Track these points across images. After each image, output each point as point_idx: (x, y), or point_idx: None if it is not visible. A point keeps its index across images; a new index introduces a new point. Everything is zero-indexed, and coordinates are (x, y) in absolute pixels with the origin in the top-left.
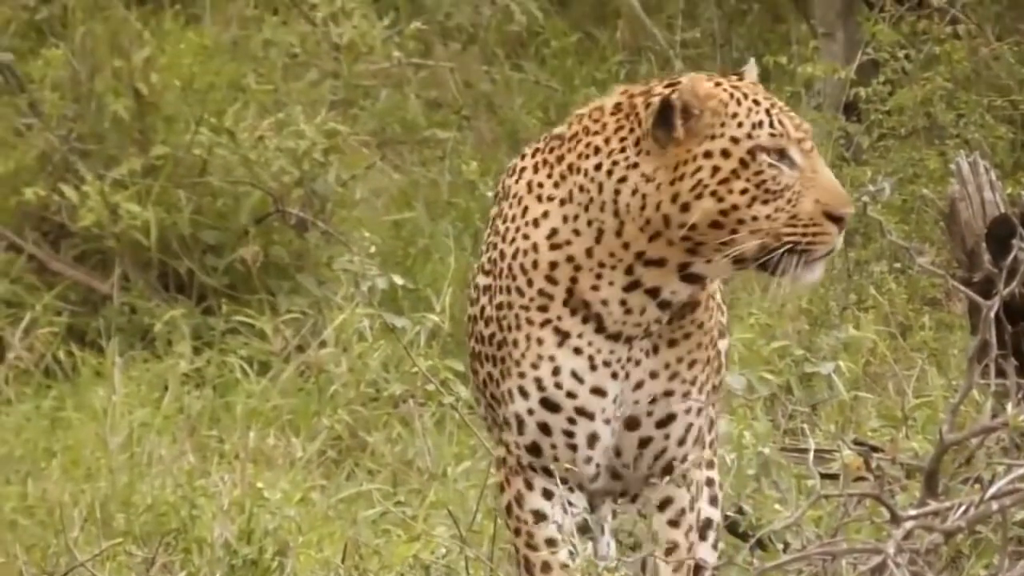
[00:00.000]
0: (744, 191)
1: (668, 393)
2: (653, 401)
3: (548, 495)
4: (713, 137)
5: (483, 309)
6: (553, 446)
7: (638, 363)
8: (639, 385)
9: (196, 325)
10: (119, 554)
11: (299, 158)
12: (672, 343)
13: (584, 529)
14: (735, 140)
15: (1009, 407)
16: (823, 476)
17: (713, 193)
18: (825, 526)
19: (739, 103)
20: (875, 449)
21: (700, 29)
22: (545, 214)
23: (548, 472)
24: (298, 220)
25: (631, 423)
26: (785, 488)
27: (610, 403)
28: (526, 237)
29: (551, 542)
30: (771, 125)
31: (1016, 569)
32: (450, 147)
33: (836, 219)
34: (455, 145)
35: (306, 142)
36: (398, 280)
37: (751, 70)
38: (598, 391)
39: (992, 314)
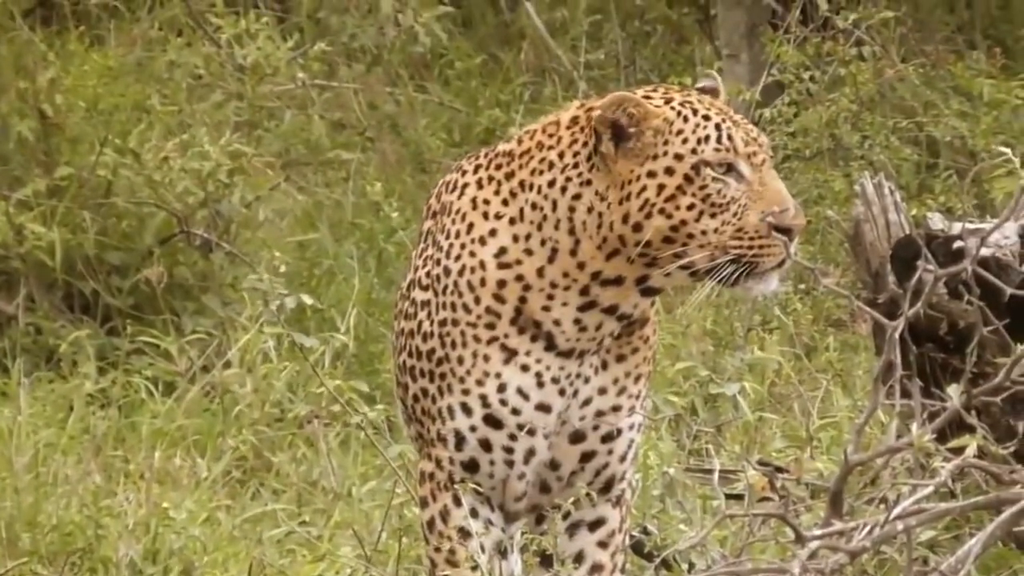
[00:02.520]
0: (691, 206)
1: (616, 408)
2: (600, 415)
3: (474, 513)
4: (656, 157)
5: (420, 324)
6: (491, 462)
7: (587, 380)
8: (587, 401)
9: (101, 345)
10: (26, 574)
11: (204, 179)
12: (620, 358)
13: (498, 548)
14: (679, 157)
15: (914, 427)
16: (728, 496)
17: (662, 211)
18: (730, 546)
19: (686, 119)
20: (780, 470)
21: (604, 51)
22: (492, 232)
23: (477, 491)
24: (203, 241)
25: (576, 437)
26: (690, 508)
27: (554, 418)
28: (472, 255)
29: (472, 559)
30: (718, 140)
31: None
32: (354, 168)
33: (783, 231)
34: (359, 166)
35: (211, 163)
36: (307, 300)
37: (711, 81)
38: (543, 407)
39: (897, 335)
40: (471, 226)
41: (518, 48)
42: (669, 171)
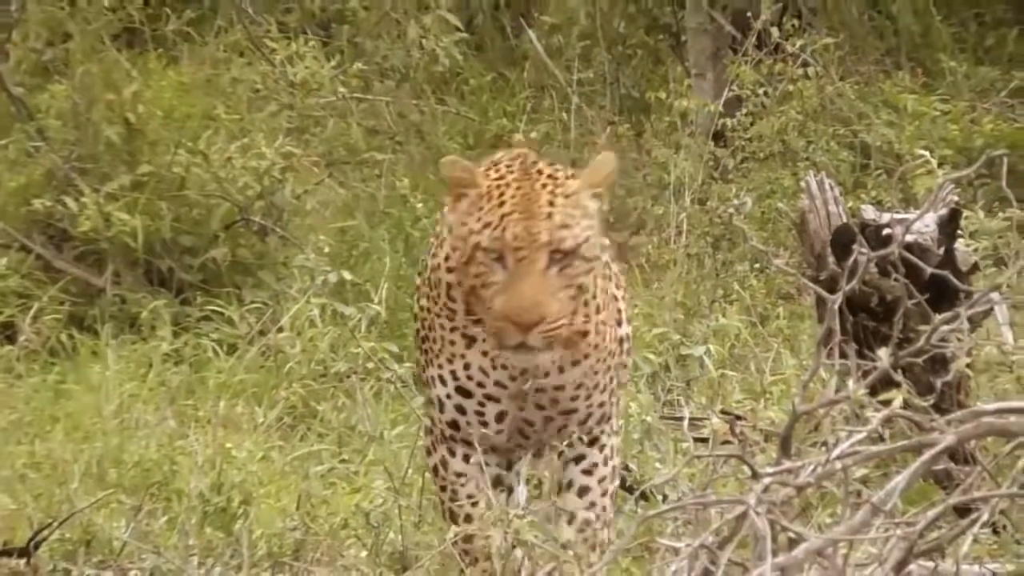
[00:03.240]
0: (476, 275)
1: (573, 399)
2: (555, 403)
3: (467, 459)
4: (465, 223)
5: (419, 307)
6: (468, 423)
7: (547, 374)
8: (542, 390)
9: (175, 313)
10: (112, 502)
11: (261, 175)
12: (575, 363)
13: (498, 483)
14: (471, 232)
15: (850, 384)
16: (696, 440)
17: (462, 268)
18: (697, 481)
19: (488, 200)
20: (739, 418)
21: (593, 70)
22: (443, 241)
23: (468, 442)
24: (260, 227)
25: (539, 407)
26: (664, 450)
27: (509, 394)
28: (434, 256)
29: (471, 496)
30: (494, 228)
31: (856, 516)
32: (386, 167)
33: (514, 323)
34: (390, 165)
35: (266, 162)
36: (346, 275)
37: (604, 162)
38: (500, 385)
39: (836, 306)
40: (440, 231)
41: (522, 67)
42: (464, 240)
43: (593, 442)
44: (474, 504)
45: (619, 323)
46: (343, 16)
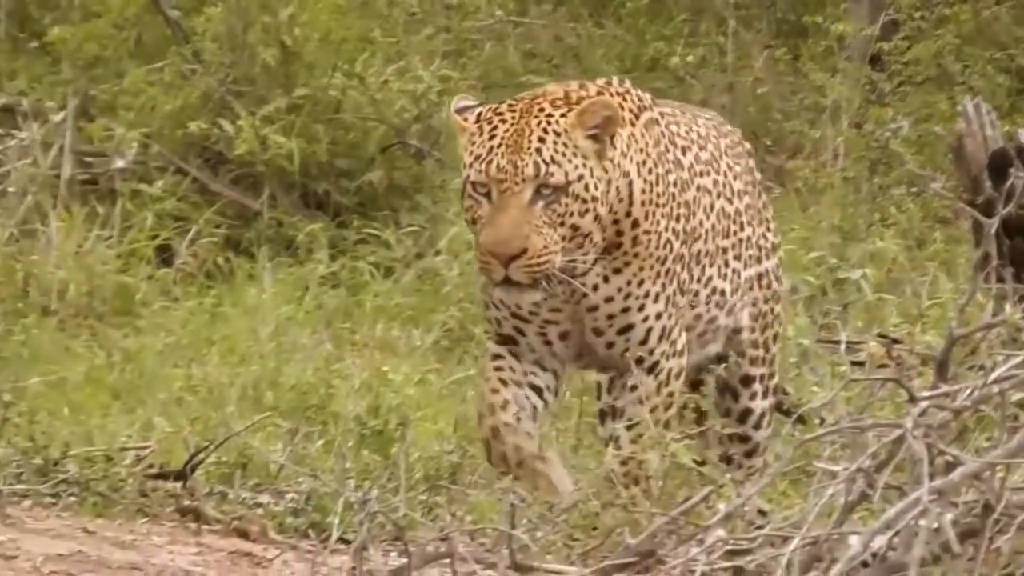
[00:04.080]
0: (467, 208)
1: (624, 310)
2: (611, 317)
3: (512, 368)
4: (464, 158)
5: None
6: (529, 344)
7: (595, 288)
8: (594, 307)
9: (332, 236)
10: (268, 425)
11: (417, 98)
12: (616, 271)
13: (536, 390)
14: (465, 166)
15: (1007, 307)
16: (853, 363)
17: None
18: (854, 405)
19: (479, 135)
20: (896, 341)
21: None
22: None
23: (514, 354)
24: (416, 150)
25: (596, 332)
26: (821, 374)
27: (562, 318)
28: None
29: (505, 402)
30: (476, 160)
31: (1013, 440)
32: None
33: (494, 255)
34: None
35: (423, 85)
36: None
37: (602, 104)
38: (556, 309)
39: (992, 230)
40: None
41: None
42: (463, 173)
43: (650, 367)
44: (504, 408)
45: (758, 260)
46: None
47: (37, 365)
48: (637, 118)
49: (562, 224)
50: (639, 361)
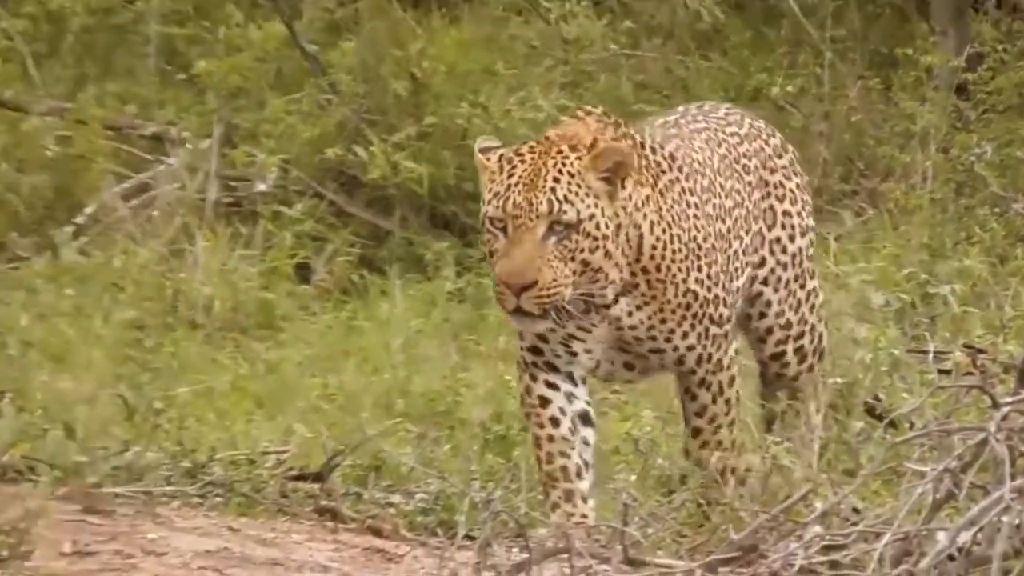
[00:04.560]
0: (486, 242)
1: (652, 338)
2: (640, 340)
3: (551, 386)
4: (484, 195)
5: None
6: (553, 351)
7: (619, 318)
8: (619, 328)
9: (458, 254)
10: (399, 431)
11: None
12: (639, 307)
13: (586, 419)
14: (484, 202)
15: None
16: (940, 372)
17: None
18: (941, 410)
19: (499, 174)
20: (980, 351)
21: (845, 28)
22: None
23: (553, 367)
24: None
25: (623, 348)
26: (910, 381)
27: (593, 339)
28: None
29: (554, 420)
30: (494, 197)
31: None
32: None
33: (507, 286)
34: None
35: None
36: None
37: (614, 150)
38: (584, 328)
39: None
40: None
41: (779, 25)
42: (483, 210)
43: (701, 383)
44: (555, 425)
45: (791, 238)
46: None
47: (186, 375)
48: (658, 180)
49: (573, 259)
50: (689, 376)
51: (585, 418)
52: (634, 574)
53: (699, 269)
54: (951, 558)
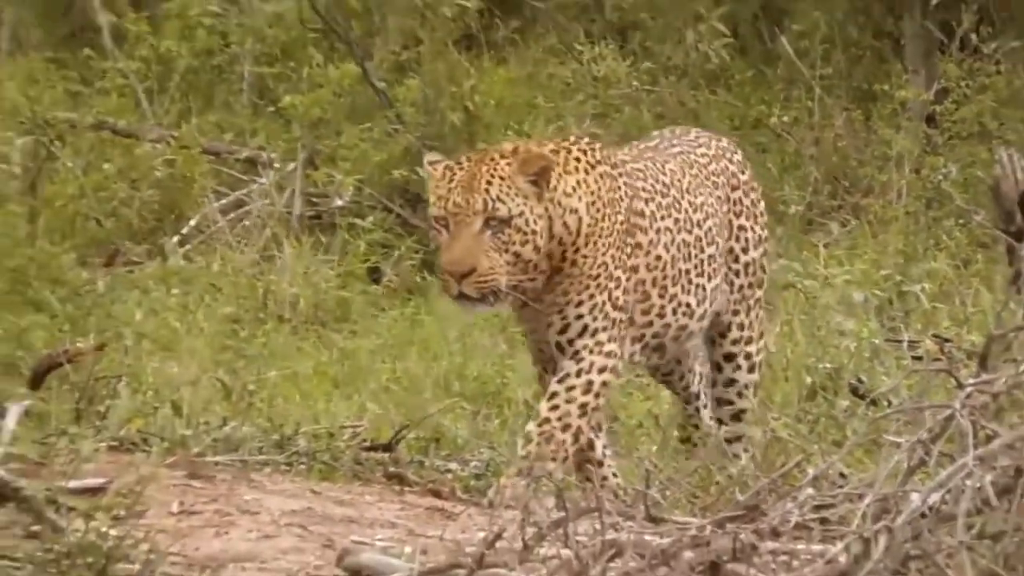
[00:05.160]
0: (432, 239)
1: (559, 312)
2: (550, 323)
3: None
4: (431, 198)
5: None
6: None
7: (540, 300)
8: (537, 315)
9: None
10: (456, 408)
11: None
12: (553, 287)
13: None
14: (431, 204)
15: None
16: (913, 358)
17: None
18: (914, 390)
19: (441, 179)
20: (947, 340)
21: (832, 68)
22: None
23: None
24: None
25: (543, 333)
26: (888, 366)
27: (541, 325)
28: None
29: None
30: (438, 199)
31: None
32: None
33: (449, 273)
34: None
35: None
36: None
37: (536, 157)
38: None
39: (1023, 252)
40: None
41: (776, 65)
42: (430, 211)
43: (573, 355)
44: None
45: (742, 252)
46: (635, 24)
47: (275, 361)
48: (592, 168)
49: (506, 251)
50: (561, 350)
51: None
52: (655, 529)
53: (617, 248)
54: (923, 516)
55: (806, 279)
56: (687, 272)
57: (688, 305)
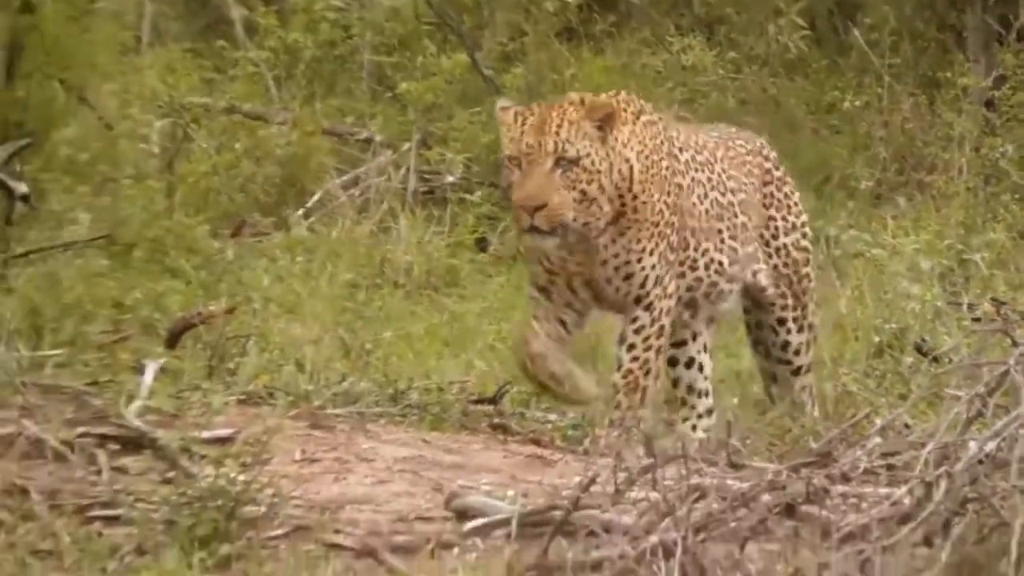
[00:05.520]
0: (504, 177)
1: (626, 263)
2: (617, 268)
3: (545, 312)
4: (503, 141)
5: None
6: (559, 291)
7: (606, 247)
8: (604, 262)
9: None
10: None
11: None
12: (621, 234)
13: (563, 324)
14: (504, 146)
15: None
16: (973, 319)
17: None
18: (973, 348)
19: (513, 122)
20: (1003, 303)
21: (900, 57)
22: None
23: (549, 299)
24: None
25: (608, 280)
26: (950, 326)
27: (588, 272)
28: None
29: (536, 336)
30: (511, 141)
31: None
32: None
33: (522, 208)
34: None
35: None
36: None
37: (602, 104)
38: (576, 271)
39: None
40: None
41: (849, 55)
42: (503, 153)
43: (646, 305)
44: (536, 339)
45: (772, 238)
46: (721, 18)
47: (390, 323)
48: (637, 119)
49: (574, 188)
50: (637, 300)
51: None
52: (735, 474)
53: (667, 195)
54: (980, 462)
55: (875, 248)
56: (719, 232)
57: (720, 264)
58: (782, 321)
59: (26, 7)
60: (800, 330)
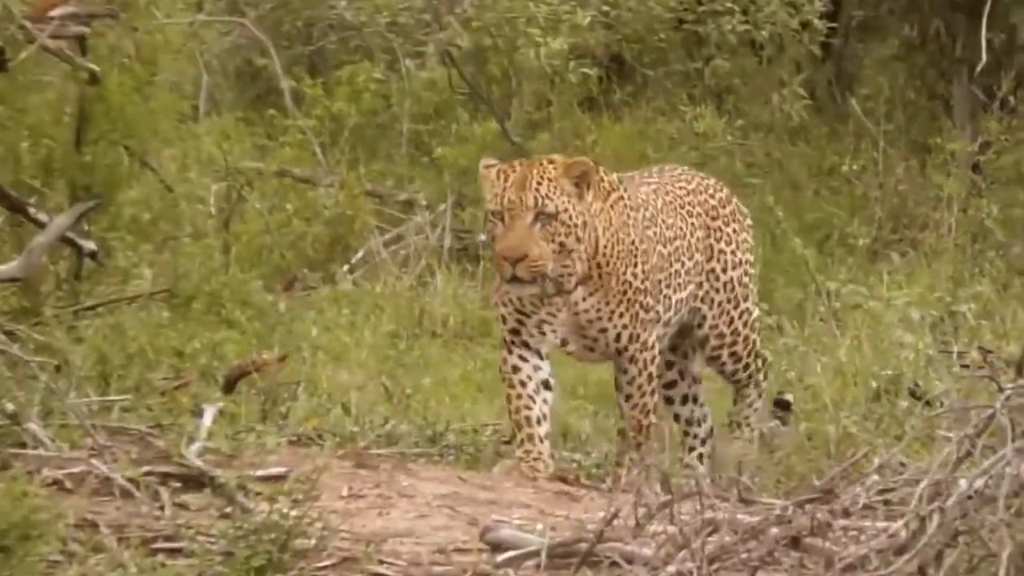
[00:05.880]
0: (488, 231)
1: (598, 318)
2: (590, 321)
3: (523, 358)
4: (486, 197)
5: None
6: (529, 332)
7: (576, 303)
8: (576, 314)
9: None
10: (580, 408)
11: None
12: (591, 294)
13: (547, 385)
14: (487, 202)
15: None
16: (962, 366)
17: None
18: (962, 393)
19: (496, 179)
20: (990, 352)
21: (893, 124)
22: None
23: (526, 345)
24: None
25: (581, 332)
26: (940, 372)
27: (559, 322)
28: None
29: (522, 382)
30: (494, 197)
31: None
32: (758, 188)
33: (505, 259)
34: (760, 187)
35: None
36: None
37: (580, 163)
38: (551, 314)
39: None
40: None
41: (847, 122)
42: (486, 208)
43: (630, 358)
44: (523, 386)
45: (723, 270)
46: (730, 89)
47: (429, 370)
48: (608, 197)
49: (553, 241)
50: (619, 353)
51: (546, 384)
52: (746, 509)
53: (635, 266)
54: (969, 498)
55: (872, 301)
56: (659, 283)
57: (657, 312)
58: (716, 357)
59: (93, 79)
60: (736, 361)
